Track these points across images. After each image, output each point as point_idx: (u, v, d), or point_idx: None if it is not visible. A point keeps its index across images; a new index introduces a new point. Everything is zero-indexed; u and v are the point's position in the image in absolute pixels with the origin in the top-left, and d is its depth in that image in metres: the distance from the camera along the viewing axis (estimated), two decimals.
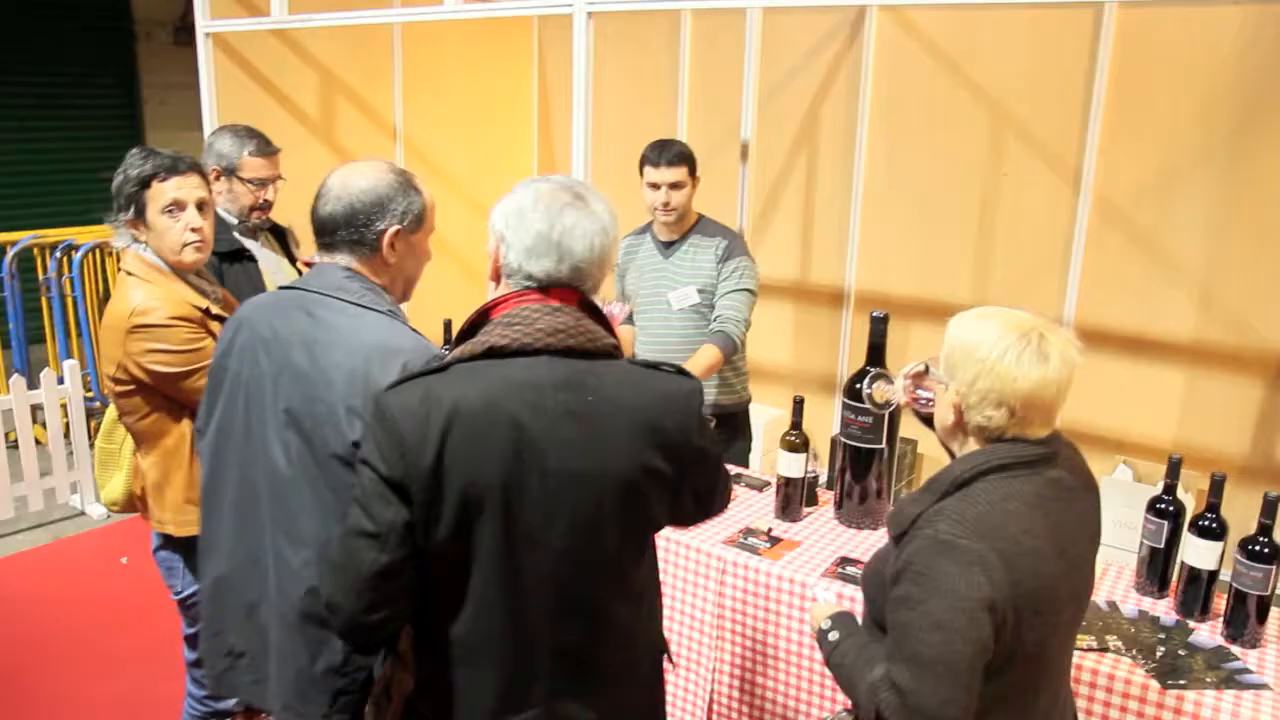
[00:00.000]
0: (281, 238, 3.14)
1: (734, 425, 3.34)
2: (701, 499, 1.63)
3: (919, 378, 1.80)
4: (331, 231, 1.79)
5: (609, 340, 1.51)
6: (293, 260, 3.13)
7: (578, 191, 1.52)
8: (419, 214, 1.83)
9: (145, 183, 2.28)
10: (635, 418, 1.46)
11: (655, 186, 3.14)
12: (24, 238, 5.69)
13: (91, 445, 2.67)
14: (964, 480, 1.51)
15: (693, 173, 3.16)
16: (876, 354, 2.49)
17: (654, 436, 1.47)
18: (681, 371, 1.55)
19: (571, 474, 1.44)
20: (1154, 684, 1.90)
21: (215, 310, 2.33)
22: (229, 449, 1.84)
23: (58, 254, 5.62)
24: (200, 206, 2.32)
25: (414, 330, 1.78)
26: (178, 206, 2.28)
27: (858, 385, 2.51)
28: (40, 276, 5.72)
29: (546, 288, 1.49)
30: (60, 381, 4.52)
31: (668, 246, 3.25)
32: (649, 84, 4.80)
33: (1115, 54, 3.61)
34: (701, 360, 3.05)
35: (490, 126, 5.06)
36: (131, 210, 2.29)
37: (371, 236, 1.78)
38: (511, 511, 1.43)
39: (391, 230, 1.79)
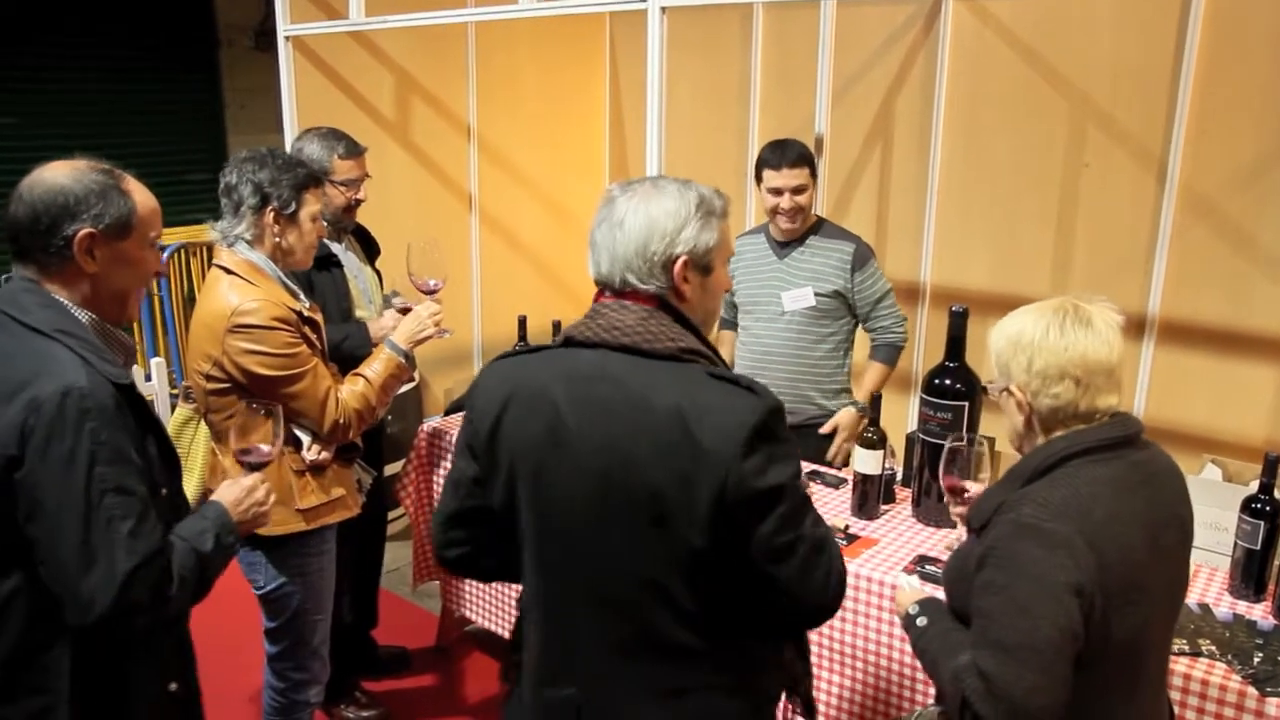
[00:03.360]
0: (364, 240, 3.16)
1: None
2: (783, 572, 1.42)
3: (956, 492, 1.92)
4: (14, 238, 1.58)
5: (679, 344, 1.45)
6: (373, 263, 3.15)
7: (635, 188, 1.51)
8: (123, 218, 1.60)
9: (306, 186, 2.36)
10: (669, 422, 1.38)
11: (778, 192, 3.05)
12: None
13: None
14: (1046, 467, 1.50)
15: (815, 175, 3.10)
16: (955, 347, 2.45)
17: (686, 447, 1.37)
18: (755, 389, 1.42)
19: (592, 467, 1.43)
20: (1251, 691, 1.84)
21: (307, 314, 2.36)
22: None
23: None
24: None
25: (85, 358, 1.53)
26: (319, 212, 2.40)
27: (935, 380, 2.47)
28: None
29: (604, 291, 1.52)
30: (148, 379, 4.66)
31: (783, 246, 3.18)
32: (722, 80, 4.78)
33: (1204, 38, 3.50)
34: (871, 382, 3.16)
35: (563, 126, 5.09)
36: (291, 207, 2.34)
37: (59, 243, 1.55)
38: (540, 492, 1.49)
39: (82, 234, 1.56)
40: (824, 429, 3.20)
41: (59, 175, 1.60)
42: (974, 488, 1.90)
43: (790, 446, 1.43)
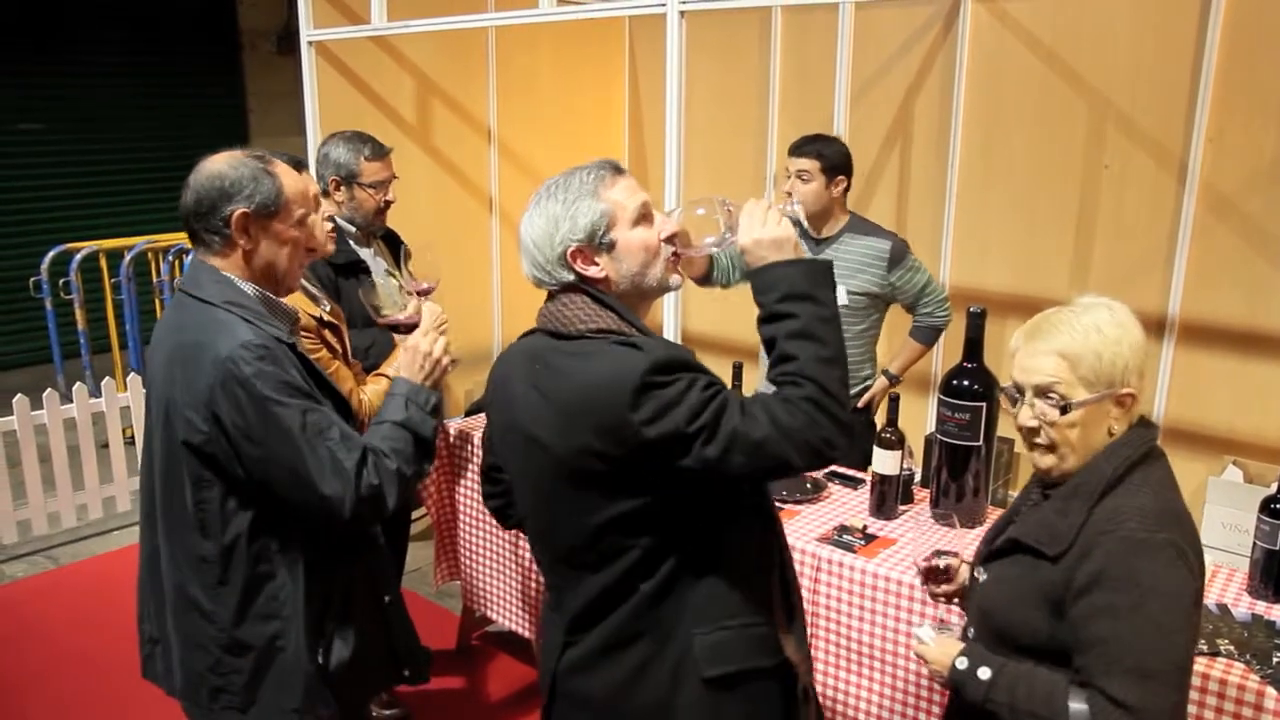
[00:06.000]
0: (394, 245, 3.16)
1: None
2: (721, 467, 1.47)
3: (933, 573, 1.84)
4: (187, 222, 1.79)
5: (589, 325, 1.55)
6: (399, 268, 3.14)
7: (533, 200, 1.64)
8: (271, 198, 1.77)
9: None
10: (570, 394, 1.51)
11: (787, 174, 3.14)
12: (139, 243, 5.95)
13: None
14: (1118, 477, 1.46)
15: (830, 170, 3.10)
16: (974, 349, 2.45)
17: (587, 416, 1.48)
18: (642, 347, 1.50)
19: (530, 438, 1.57)
20: (1270, 690, 1.84)
21: (327, 318, 2.38)
22: (145, 442, 1.90)
23: (170, 258, 5.86)
24: None
25: (255, 323, 1.73)
26: (316, 202, 2.37)
27: (954, 382, 2.48)
28: (154, 279, 5.97)
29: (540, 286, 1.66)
30: None
31: (817, 244, 3.21)
32: (741, 82, 4.79)
33: (1224, 37, 3.49)
34: (906, 357, 3.32)
35: (583, 128, 5.11)
36: None
37: (218, 223, 1.75)
38: (510, 465, 1.70)
39: (238, 213, 1.74)
40: (860, 402, 3.30)
41: (218, 164, 1.77)
42: (953, 563, 1.82)
43: (681, 386, 1.46)
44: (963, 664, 1.53)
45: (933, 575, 1.81)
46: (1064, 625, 1.44)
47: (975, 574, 1.67)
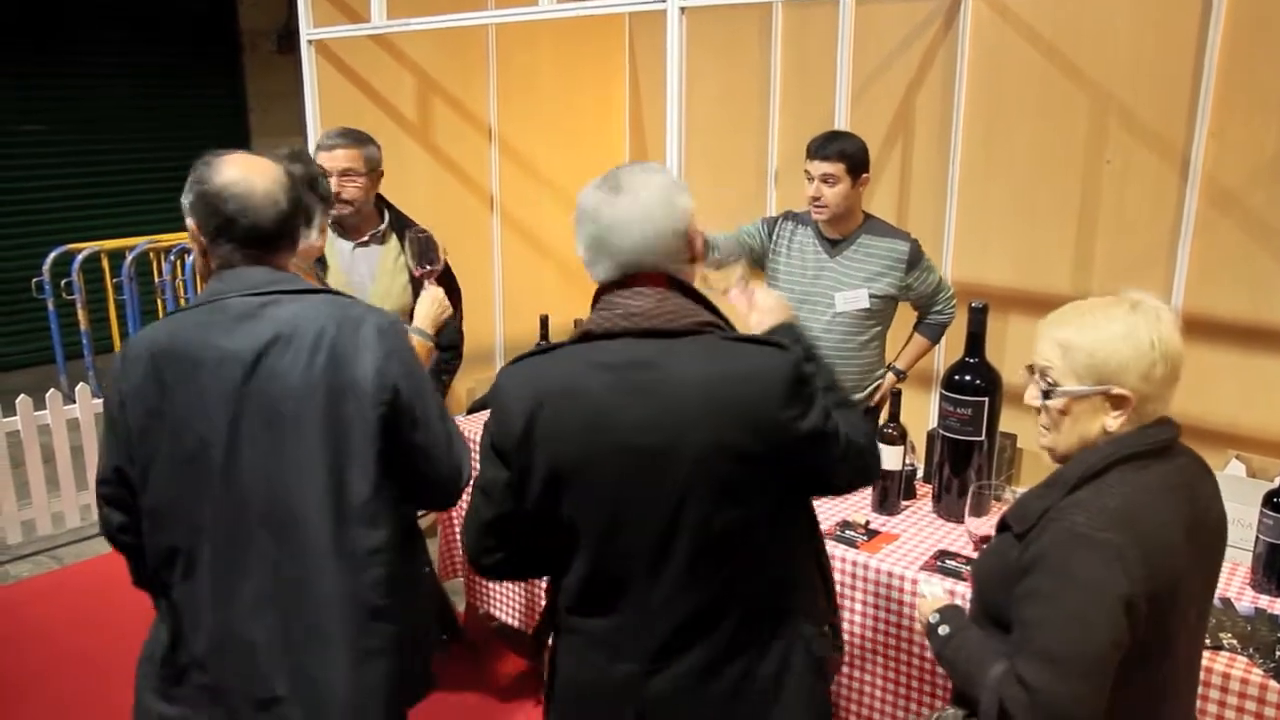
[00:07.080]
0: (402, 232, 3.14)
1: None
2: (832, 474, 1.58)
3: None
4: (288, 234, 1.72)
5: (696, 318, 1.53)
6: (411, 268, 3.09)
7: (616, 183, 1.54)
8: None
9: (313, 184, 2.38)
10: (707, 392, 1.46)
11: (810, 178, 3.08)
12: (141, 243, 5.96)
13: None
14: (1095, 472, 1.47)
15: (854, 171, 3.05)
16: (975, 344, 2.45)
17: (730, 412, 1.46)
18: (776, 344, 1.51)
19: (644, 449, 1.48)
20: (1273, 684, 1.84)
21: None
22: (224, 463, 1.64)
23: (172, 258, 5.87)
24: None
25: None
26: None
27: (956, 377, 2.48)
28: (156, 279, 5.98)
29: (609, 285, 1.56)
30: None
31: (834, 245, 3.16)
32: (741, 79, 4.79)
33: (1226, 32, 3.48)
34: (913, 353, 3.36)
35: (583, 125, 5.11)
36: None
37: (309, 219, 1.85)
38: (593, 483, 1.51)
39: (322, 208, 1.89)
40: (874, 400, 3.30)
41: (269, 176, 1.70)
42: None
43: (816, 385, 1.53)
44: (934, 619, 1.65)
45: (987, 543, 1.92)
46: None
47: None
